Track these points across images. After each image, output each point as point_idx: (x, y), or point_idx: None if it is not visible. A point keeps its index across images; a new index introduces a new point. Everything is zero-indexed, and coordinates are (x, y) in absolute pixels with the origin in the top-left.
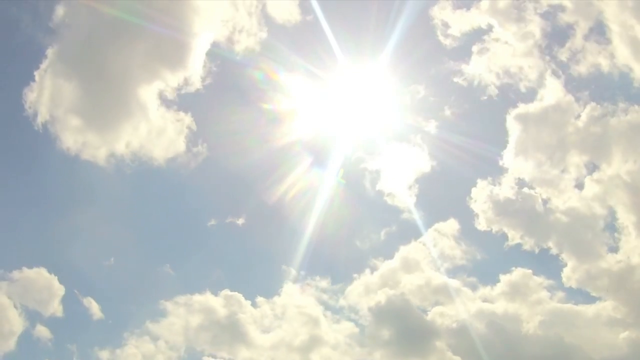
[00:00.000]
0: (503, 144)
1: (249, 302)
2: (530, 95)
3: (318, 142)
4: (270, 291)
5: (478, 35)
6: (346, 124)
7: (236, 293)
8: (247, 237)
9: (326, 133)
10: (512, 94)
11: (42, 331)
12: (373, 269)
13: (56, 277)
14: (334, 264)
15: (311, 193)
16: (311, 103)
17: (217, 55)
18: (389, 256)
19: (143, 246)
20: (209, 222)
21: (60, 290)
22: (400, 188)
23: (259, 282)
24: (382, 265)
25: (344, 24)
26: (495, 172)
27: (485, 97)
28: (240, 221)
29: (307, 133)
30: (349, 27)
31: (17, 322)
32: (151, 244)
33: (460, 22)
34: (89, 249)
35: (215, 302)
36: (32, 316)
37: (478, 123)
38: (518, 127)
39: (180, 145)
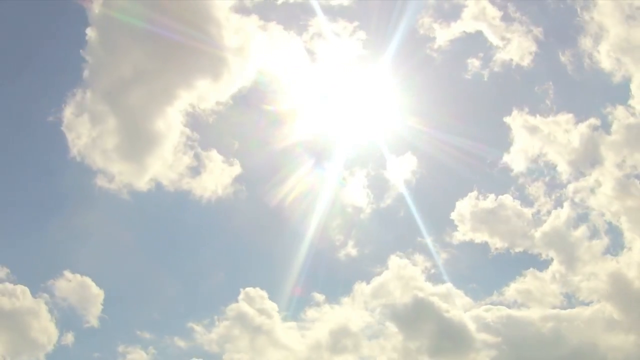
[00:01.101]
0: (500, 151)
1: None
2: (526, 101)
3: (321, 143)
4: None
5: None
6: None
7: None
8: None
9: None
10: (509, 99)
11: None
12: (372, 275)
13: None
14: (333, 270)
15: (312, 195)
16: (316, 105)
17: None
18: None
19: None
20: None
21: (98, 296)
22: (398, 191)
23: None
24: (382, 270)
25: (345, 25)
26: (491, 178)
27: (484, 101)
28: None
29: (314, 134)
30: (350, 29)
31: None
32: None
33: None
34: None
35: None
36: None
37: (477, 128)
38: (514, 134)
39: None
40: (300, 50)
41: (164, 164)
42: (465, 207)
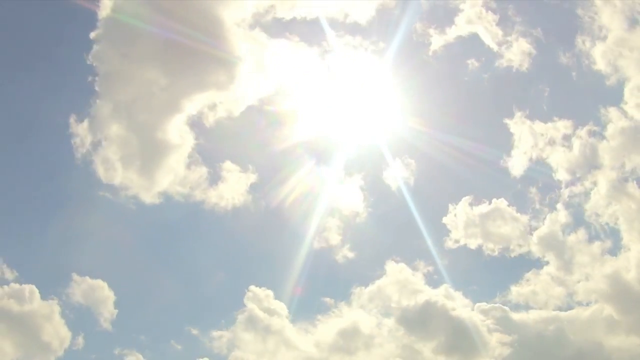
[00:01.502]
0: (500, 153)
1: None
2: (525, 105)
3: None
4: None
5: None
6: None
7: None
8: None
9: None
10: (507, 102)
11: None
12: (372, 279)
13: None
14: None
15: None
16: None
17: None
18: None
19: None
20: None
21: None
22: (397, 194)
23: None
24: (381, 273)
25: (347, 25)
26: (490, 181)
27: (483, 104)
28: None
29: (314, 136)
30: (353, 30)
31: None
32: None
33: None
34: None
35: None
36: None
37: (476, 131)
38: (514, 137)
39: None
40: (304, 55)
41: (175, 174)
42: (461, 211)
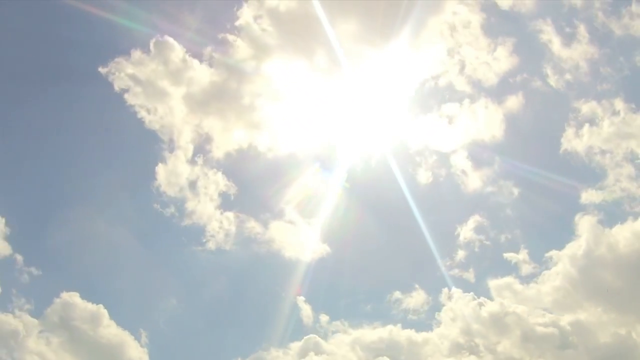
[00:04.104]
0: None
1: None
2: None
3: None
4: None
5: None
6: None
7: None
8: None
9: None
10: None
11: None
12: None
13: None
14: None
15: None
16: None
17: None
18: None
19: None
20: None
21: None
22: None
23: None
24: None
25: (350, 28)
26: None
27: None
28: None
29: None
30: (355, 32)
31: None
32: None
33: None
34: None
35: None
36: None
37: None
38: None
39: None
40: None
41: None
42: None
